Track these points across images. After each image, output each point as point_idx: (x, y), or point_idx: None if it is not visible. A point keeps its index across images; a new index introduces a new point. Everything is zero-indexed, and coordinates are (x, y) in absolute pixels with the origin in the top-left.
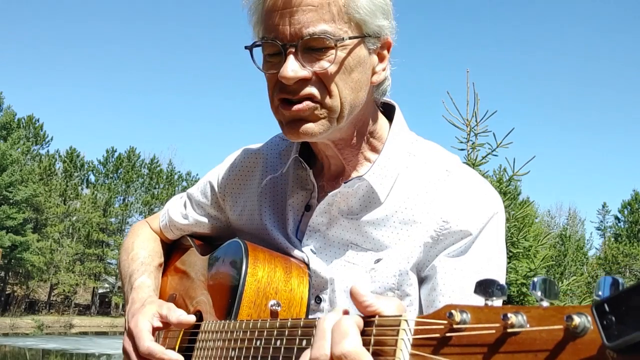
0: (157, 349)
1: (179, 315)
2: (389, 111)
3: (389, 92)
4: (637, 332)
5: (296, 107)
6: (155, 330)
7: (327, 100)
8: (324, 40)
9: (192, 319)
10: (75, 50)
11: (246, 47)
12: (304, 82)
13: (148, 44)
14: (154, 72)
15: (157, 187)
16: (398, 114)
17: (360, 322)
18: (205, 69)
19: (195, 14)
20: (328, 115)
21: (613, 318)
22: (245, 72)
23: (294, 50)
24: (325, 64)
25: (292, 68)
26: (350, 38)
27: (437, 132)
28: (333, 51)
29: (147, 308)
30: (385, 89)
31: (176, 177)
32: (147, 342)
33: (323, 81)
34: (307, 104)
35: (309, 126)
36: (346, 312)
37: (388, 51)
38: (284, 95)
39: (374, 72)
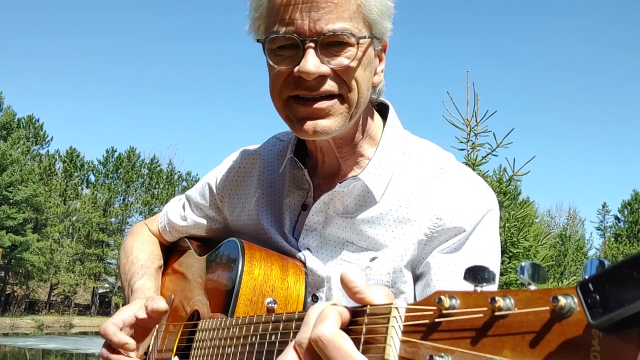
0: (126, 338)
1: (153, 303)
2: (382, 111)
3: (384, 92)
4: (620, 309)
5: (318, 104)
6: (138, 320)
7: (348, 94)
8: (344, 37)
9: (163, 306)
10: (75, 50)
11: (258, 41)
12: (322, 78)
13: (148, 43)
14: (154, 72)
15: (157, 187)
16: (392, 113)
17: (344, 311)
18: (205, 68)
19: (195, 14)
20: (346, 111)
21: (597, 297)
22: (245, 71)
23: (313, 45)
24: (345, 61)
25: (314, 63)
26: (367, 37)
27: (437, 132)
28: (351, 48)
29: (134, 302)
30: (381, 88)
31: (176, 177)
32: (117, 336)
33: (342, 77)
34: (327, 101)
35: (326, 123)
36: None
37: (384, 53)
38: (300, 92)
39: (375, 73)
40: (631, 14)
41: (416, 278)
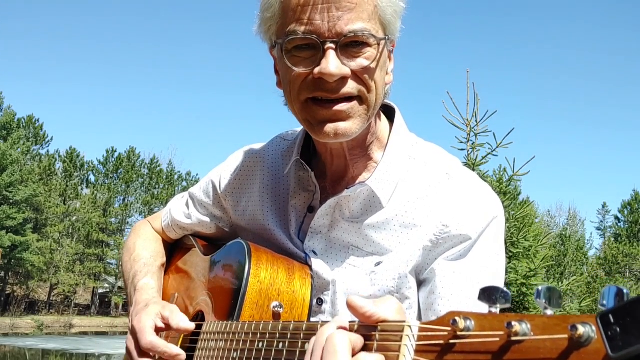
0: (160, 342)
1: (179, 321)
2: (388, 113)
3: (390, 93)
4: None
5: (338, 106)
6: (157, 330)
7: (367, 96)
8: (365, 37)
9: (191, 326)
10: (75, 50)
11: (276, 42)
12: (343, 80)
13: (148, 43)
14: (154, 71)
15: (157, 187)
16: (398, 117)
17: (356, 338)
18: (205, 68)
19: (195, 13)
20: (365, 113)
21: (618, 329)
22: (245, 70)
23: (334, 46)
24: (365, 62)
25: (336, 65)
26: (383, 38)
27: (437, 132)
28: (370, 49)
29: (151, 308)
30: (388, 90)
31: (176, 177)
32: (150, 337)
33: (361, 78)
34: (347, 103)
35: (347, 125)
36: (343, 327)
37: (392, 53)
38: (320, 94)
39: (386, 73)
40: (631, 16)
41: (420, 284)
